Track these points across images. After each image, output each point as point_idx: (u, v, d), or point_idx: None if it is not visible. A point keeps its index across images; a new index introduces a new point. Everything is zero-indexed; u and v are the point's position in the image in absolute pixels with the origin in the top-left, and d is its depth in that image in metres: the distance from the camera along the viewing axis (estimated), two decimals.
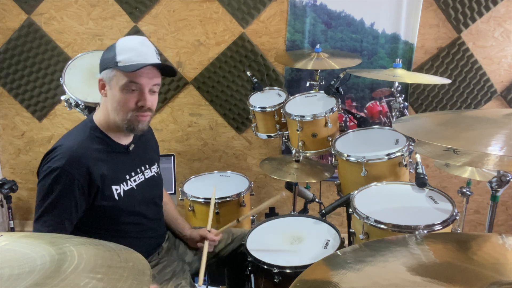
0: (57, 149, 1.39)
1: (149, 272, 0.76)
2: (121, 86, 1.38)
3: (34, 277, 0.70)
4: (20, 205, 3.24)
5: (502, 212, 2.91)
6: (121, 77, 1.37)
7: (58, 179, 1.35)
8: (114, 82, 1.39)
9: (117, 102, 1.41)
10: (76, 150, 1.38)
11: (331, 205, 1.76)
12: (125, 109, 1.41)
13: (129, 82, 1.38)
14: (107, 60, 1.40)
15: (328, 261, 0.81)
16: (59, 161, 1.35)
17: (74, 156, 1.36)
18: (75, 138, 1.43)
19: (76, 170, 1.35)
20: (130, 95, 1.39)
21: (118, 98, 1.40)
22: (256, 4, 2.65)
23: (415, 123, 1.37)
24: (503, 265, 0.74)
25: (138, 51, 1.39)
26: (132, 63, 1.36)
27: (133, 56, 1.37)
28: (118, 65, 1.37)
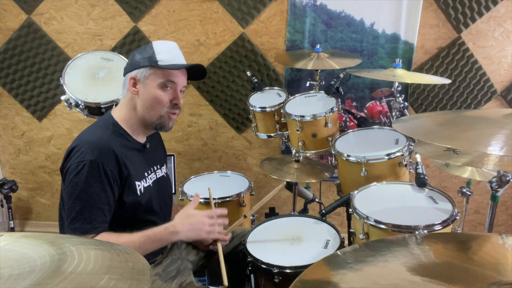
0: (82, 144, 1.40)
1: (149, 272, 0.76)
2: (159, 83, 1.46)
3: (34, 277, 0.70)
4: (20, 205, 3.24)
5: (502, 212, 2.91)
6: (160, 75, 1.46)
7: (92, 172, 1.36)
8: (151, 80, 1.46)
9: (152, 99, 1.47)
10: (105, 142, 1.41)
11: (331, 205, 1.76)
12: (161, 106, 1.48)
13: (167, 81, 1.47)
14: (143, 59, 1.46)
15: (328, 261, 0.81)
16: (90, 154, 1.36)
17: (104, 147, 1.39)
18: (99, 132, 1.46)
19: (108, 161, 1.38)
20: (167, 93, 1.48)
21: (154, 95, 1.47)
22: (256, 4, 2.65)
23: (415, 123, 1.37)
24: (503, 265, 0.74)
25: (175, 53, 1.50)
26: (172, 63, 1.47)
27: (172, 57, 1.48)
28: (158, 64, 1.45)
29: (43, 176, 3.16)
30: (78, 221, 1.35)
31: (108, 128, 1.48)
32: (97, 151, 1.37)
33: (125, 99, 1.52)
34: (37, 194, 3.22)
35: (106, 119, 1.52)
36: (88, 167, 1.35)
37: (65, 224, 1.38)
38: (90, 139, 1.41)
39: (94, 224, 1.37)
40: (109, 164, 1.38)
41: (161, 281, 1.53)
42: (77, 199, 1.36)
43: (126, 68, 1.51)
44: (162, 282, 1.53)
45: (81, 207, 1.36)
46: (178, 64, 1.49)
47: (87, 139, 1.42)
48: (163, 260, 1.62)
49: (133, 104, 1.50)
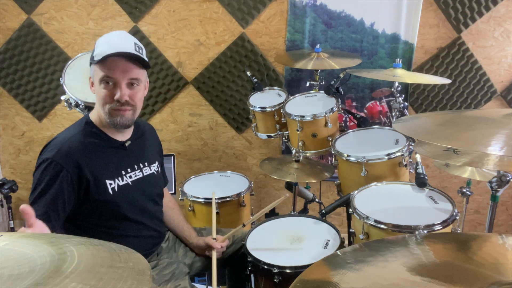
0: (51, 142, 1.45)
1: (149, 272, 0.76)
2: (98, 80, 1.41)
3: (34, 277, 0.70)
4: (20, 205, 3.23)
5: (502, 212, 2.91)
6: (98, 71, 1.41)
7: (47, 170, 1.38)
8: (95, 77, 1.43)
9: (98, 96, 1.44)
10: (67, 142, 1.42)
11: (331, 205, 1.76)
12: (104, 102, 1.43)
13: (104, 76, 1.40)
14: (90, 58, 1.44)
15: (328, 261, 0.81)
16: (50, 153, 1.39)
17: (64, 148, 1.40)
18: (68, 132, 1.48)
19: (65, 161, 1.38)
20: (107, 88, 1.41)
21: (98, 92, 1.44)
22: (256, 4, 2.65)
23: (415, 123, 1.37)
24: (503, 265, 0.74)
25: (112, 43, 1.40)
26: (103, 55, 1.37)
27: (106, 49, 1.38)
28: (94, 59, 1.40)
29: None
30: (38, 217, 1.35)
31: (80, 127, 1.48)
32: (56, 150, 1.39)
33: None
34: None
35: (82, 119, 1.53)
36: (45, 165, 1.38)
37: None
38: (57, 138, 1.45)
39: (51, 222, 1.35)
40: (65, 164, 1.38)
41: (155, 283, 1.52)
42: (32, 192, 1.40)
43: None
44: (156, 285, 1.52)
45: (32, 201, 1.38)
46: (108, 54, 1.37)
47: (55, 138, 1.46)
48: (159, 263, 1.62)
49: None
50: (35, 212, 1.29)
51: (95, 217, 1.47)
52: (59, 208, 1.39)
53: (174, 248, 1.76)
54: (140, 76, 1.45)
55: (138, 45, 1.46)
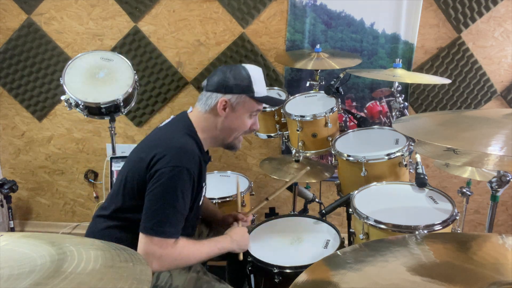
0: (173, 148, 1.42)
1: (149, 272, 0.76)
2: (250, 112, 1.54)
3: (34, 277, 0.70)
4: (20, 205, 3.24)
5: (502, 212, 2.91)
6: (253, 105, 1.53)
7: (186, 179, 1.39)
8: (242, 107, 1.52)
9: (239, 124, 1.54)
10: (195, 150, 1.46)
11: (331, 205, 1.77)
12: (242, 131, 1.57)
13: (256, 110, 1.56)
14: (242, 86, 1.49)
15: (328, 261, 0.81)
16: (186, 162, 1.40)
17: (195, 156, 1.44)
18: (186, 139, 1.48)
19: (196, 171, 1.44)
20: (251, 120, 1.57)
21: (242, 121, 1.54)
22: (256, 4, 2.65)
23: (415, 123, 1.37)
24: (503, 265, 0.74)
25: (264, 83, 1.56)
26: (263, 95, 1.55)
27: (263, 89, 1.55)
28: (255, 96, 1.51)
29: (43, 176, 3.16)
30: (165, 224, 1.36)
31: (191, 136, 1.51)
32: (191, 159, 1.41)
33: (207, 115, 1.53)
34: (37, 194, 3.22)
35: (186, 123, 1.54)
36: (184, 174, 1.38)
37: (146, 225, 1.37)
38: (180, 145, 1.43)
39: (178, 229, 1.40)
40: (196, 174, 1.44)
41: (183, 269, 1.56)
42: (167, 203, 1.37)
43: (219, 87, 1.50)
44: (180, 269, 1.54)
45: (170, 211, 1.37)
46: (275, 99, 1.66)
47: (177, 144, 1.43)
48: None
49: (214, 121, 1.53)
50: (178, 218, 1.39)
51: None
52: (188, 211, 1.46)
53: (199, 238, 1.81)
54: None
55: None
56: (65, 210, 3.23)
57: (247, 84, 1.49)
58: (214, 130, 1.54)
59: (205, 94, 1.54)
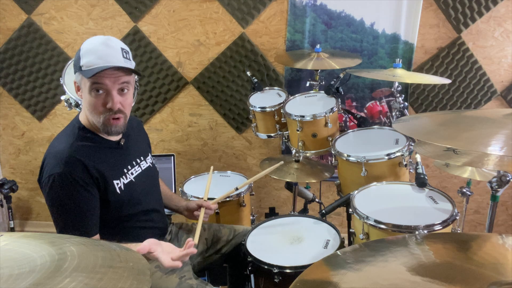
0: (50, 156, 1.40)
1: (149, 272, 0.76)
2: (88, 89, 1.38)
3: (34, 277, 0.70)
4: (20, 205, 3.24)
5: (502, 212, 2.91)
6: (85, 80, 1.37)
7: (63, 184, 1.35)
8: (83, 85, 1.40)
9: (88, 105, 1.41)
10: (69, 151, 1.39)
11: (331, 205, 1.76)
12: (96, 112, 1.41)
13: (93, 84, 1.36)
14: (75, 63, 1.41)
15: (328, 261, 0.81)
16: (57, 167, 1.36)
17: (68, 157, 1.37)
18: (64, 141, 1.43)
19: (74, 170, 1.37)
20: (98, 97, 1.39)
21: (88, 100, 1.40)
22: (256, 4, 2.65)
23: (415, 123, 1.37)
24: (503, 265, 0.74)
25: (99, 53, 1.37)
26: (92, 67, 1.35)
27: (94, 59, 1.36)
28: (81, 69, 1.37)
29: None
30: (66, 231, 1.36)
31: (74, 134, 1.45)
32: (63, 162, 1.36)
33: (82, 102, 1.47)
34: (37, 194, 3.22)
35: (73, 125, 1.49)
36: (58, 180, 1.35)
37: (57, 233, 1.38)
38: (55, 150, 1.40)
39: (82, 231, 1.38)
40: (77, 172, 1.37)
41: (161, 272, 1.54)
42: (60, 212, 1.38)
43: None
44: (162, 273, 1.54)
45: (65, 218, 1.37)
46: (96, 68, 1.34)
47: (53, 151, 1.41)
48: None
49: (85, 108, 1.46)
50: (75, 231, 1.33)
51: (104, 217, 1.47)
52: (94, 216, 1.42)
53: (176, 239, 1.79)
54: (130, 79, 1.43)
55: (125, 50, 1.44)
56: None
57: (77, 59, 1.38)
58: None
59: None
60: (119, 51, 1.41)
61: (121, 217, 1.52)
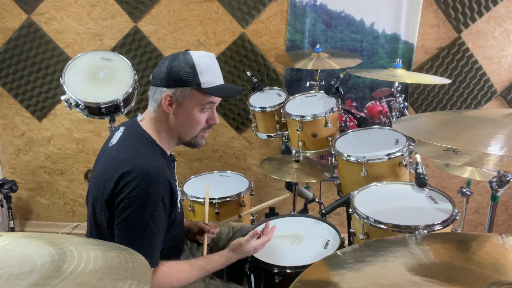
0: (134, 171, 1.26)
1: (149, 272, 0.76)
2: (201, 106, 1.38)
3: (34, 277, 0.70)
4: (20, 205, 3.24)
5: (502, 212, 2.91)
6: (201, 98, 1.37)
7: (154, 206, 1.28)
8: (190, 101, 1.37)
9: (191, 120, 1.40)
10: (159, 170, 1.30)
11: (331, 205, 1.76)
12: (199, 127, 1.42)
13: (208, 103, 1.39)
14: (185, 77, 1.34)
15: (328, 261, 0.81)
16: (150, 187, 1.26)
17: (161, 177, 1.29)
18: (147, 155, 1.34)
19: (165, 192, 1.31)
20: (205, 114, 1.42)
21: (193, 117, 1.39)
22: (256, 4, 2.65)
23: (415, 123, 1.37)
24: (503, 265, 0.74)
25: (216, 71, 1.41)
26: (214, 85, 1.38)
27: (213, 78, 1.39)
28: (201, 87, 1.35)
29: (43, 176, 3.16)
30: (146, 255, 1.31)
31: (149, 146, 1.37)
32: (156, 182, 1.27)
33: (157, 114, 1.40)
34: (37, 194, 3.22)
35: (141, 134, 1.39)
36: (151, 201, 1.26)
37: None
38: (143, 166, 1.27)
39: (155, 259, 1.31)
40: (166, 195, 1.31)
41: None
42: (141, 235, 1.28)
43: (162, 81, 1.36)
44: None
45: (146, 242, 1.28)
46: (224, 91, 1.41)
47: (139, 166, 1.27)
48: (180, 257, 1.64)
49: (166, 120, 1.40)
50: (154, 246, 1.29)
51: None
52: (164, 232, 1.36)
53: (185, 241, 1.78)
54: None
55: None
56: (65, 210, 3.23)
57: (192, 75, 1.33)
58: (168, 128, 1.40)
59: (152, 89, 1.40)
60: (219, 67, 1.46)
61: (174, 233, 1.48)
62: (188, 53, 1.37)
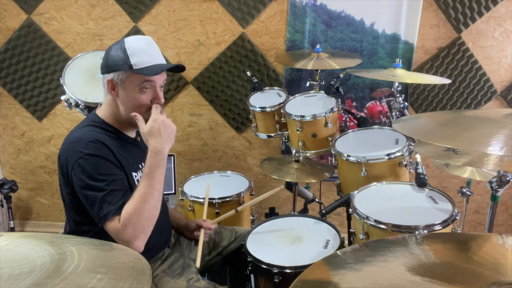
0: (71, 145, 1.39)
1: (149, 272, 0.76)
2: (137, 87, 1.43)
3: (34, 277, 0.70)
4: (20, 205, 3.24)
5: (502, 212, 2.91)
6: (136, 78, 1.42)
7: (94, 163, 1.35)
8: (128, 83, 1.43)
9: (133, 102, 1.45)
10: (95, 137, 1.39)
11: (331, 205, 1.76)
12: (142, 108, 1.45)
13: (144, 82, 1.43)
14: (118, 61, 1.42)
15: (328, 261, 0.81)
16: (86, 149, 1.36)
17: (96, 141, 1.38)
18: (87, 131, 1.44)
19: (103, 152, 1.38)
20: (145, 94, 1.45)
21: (134, 98, 1.44)
22: (256, 4, 2.65)
23: (415, 123, 1.37)
24: (503, 265, 0.74)
25: (148, 52, 1.45)
26: (146, 65, 1.42)
27: (145, 58, 1.43)
28: (133, 68, 1.41)
29: (43, 176, 3.16)
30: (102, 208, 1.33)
31: (96, 126, 1.47)
32: (89, 145, 1.36)
33: (108, 98, 1.50)
34: (37, 194, 3.22)
35: (92, 119, 1.50)
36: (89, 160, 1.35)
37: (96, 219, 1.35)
38: (76, 138, 1.40)
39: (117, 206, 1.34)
40: (105, 153, 1.38)
41: (169, 277, 1.54)
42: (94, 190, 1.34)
43: (103, 68, 1.47)
44: (170, 278, 1.54)
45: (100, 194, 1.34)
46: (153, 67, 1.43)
47: (73, 140, 1.40)
48: (168, 257, 1.63)
49: (116, 104, 1.49)
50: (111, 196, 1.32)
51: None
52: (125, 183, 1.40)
53: (179, 243, 1.79)
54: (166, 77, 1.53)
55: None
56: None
57: (123, 58, 1.41)
58: (119, 112, 1.49)
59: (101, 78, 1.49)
60: (159, 50, 1.50)
61: None
62: (123, 39, 1.45)
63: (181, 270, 1.59)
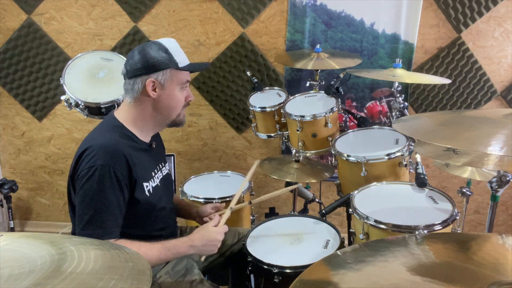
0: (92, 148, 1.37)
1: (149, 272, 0.76)
2: (180, 85, 1.50)
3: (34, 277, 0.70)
4: (20, 205, 3.24)
5: (502, 212, 2.91)
6: (181, 76, 1.49)
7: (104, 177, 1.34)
8: (172, 82, 1.48)
9: (175, 100, 1.50)
10: (115, 145, 1.39)
11: (331, 205, 1.76)
12: (181, 106, 1.53)
13: (186, 81, 1.53)
14: (163, 61, 1.44)
15: (328, 261, 0.81)
16: (101, 159, 1.35)
17: (115, 151, 1.38)
18: (107, 136, 1.43)
19: (118, 165, 1.37)
20: (184, 92, 1.54)
21: (176, 96, 1.50)
22: (256, 4, 2.65)
23: (415, 123, 1.37)
24: (503, 265, 0.74)
25: (183, 52, 1.53)
26: (187, 63, 1.52)
27: (184, 58, 1.52)
28: (180, 66, 1.47)
29: (43, 176, 3.16)
30: (90, 226, 1.34)
31: (114, 130, 1.46)
32: (109, 155, 1.35)
33: (133, 101, 1.47)
34: (37, 194, 3.22)
35: (111, 122, 1.49)
36: (99, 172, 1.33)
37: (77, 230, 1.36)
38: (99, 143, 1.38)
39: (106, 230, 1.35)
40: (120, 168, 1.37)
41: (171, 279, 1.54)
42: (89, 205, 1.35)
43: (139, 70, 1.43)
44: (172, 280, 1.54)
45: (93, 212, 1.34)
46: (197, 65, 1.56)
47: (96, 143, 1.38)
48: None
49: (144, 106, 1.48)
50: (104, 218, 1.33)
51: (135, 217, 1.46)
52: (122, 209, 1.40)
53: None
54: None
55: None
56: (65, 210, 3.23)
57: (168, 58, 1.45)
58: (150, 114, 1.49)
59: (129, 82, 1.46)
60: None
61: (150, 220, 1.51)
62: (157, 41, 1.48)
63: (184, 271, 1.59)
